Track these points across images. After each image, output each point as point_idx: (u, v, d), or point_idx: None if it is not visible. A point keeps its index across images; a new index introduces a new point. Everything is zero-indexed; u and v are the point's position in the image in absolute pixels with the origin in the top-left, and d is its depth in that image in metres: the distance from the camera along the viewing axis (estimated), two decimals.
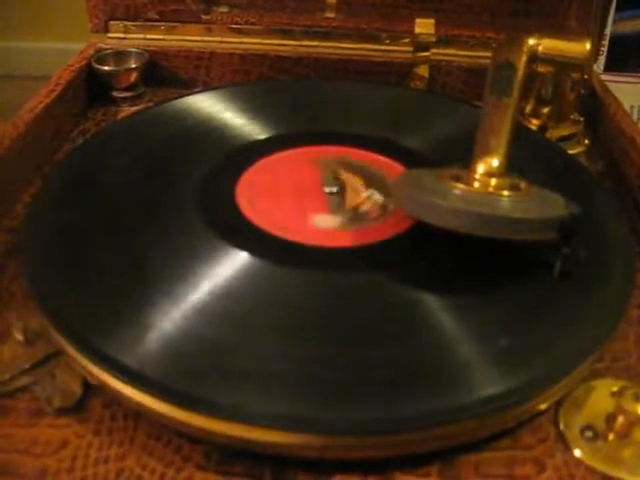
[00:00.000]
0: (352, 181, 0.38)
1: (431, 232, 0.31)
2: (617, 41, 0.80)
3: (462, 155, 0.34)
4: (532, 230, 0.30)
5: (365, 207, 0.36)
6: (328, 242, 0.34)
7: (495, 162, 0.33)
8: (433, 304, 0.31)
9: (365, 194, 0.37)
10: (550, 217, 0.31)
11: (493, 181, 0.33)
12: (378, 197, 0.36)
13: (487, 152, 0.34)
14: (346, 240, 0.34)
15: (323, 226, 0.35)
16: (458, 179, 0.32)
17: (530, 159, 0.40)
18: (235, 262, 0.32)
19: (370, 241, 0.34)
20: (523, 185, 0.33)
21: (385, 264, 0.33)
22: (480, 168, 0.33)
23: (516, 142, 0.35)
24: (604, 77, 0.56)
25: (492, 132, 0.35)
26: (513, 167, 0.34)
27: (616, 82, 0.78)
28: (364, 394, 0.27)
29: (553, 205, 0.32)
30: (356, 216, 0.36)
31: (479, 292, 0.32)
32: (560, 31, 0.51)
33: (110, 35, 0.54)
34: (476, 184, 0.33)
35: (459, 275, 0.33)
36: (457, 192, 0.31)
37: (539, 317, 0.31)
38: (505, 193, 0.32)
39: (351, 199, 0.37)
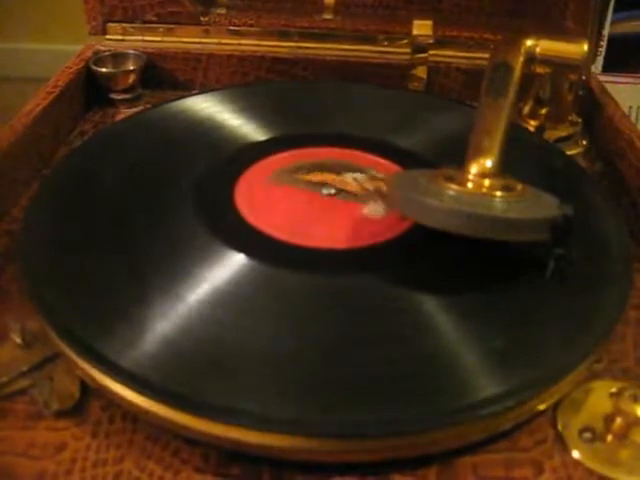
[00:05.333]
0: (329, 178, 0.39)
1: (427, 234, 0.31)
2: (616, 42, 0.80)
3: (460, 156, 0.34)
4: (525, 230, 0.30)
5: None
6: (326, 244, 0.34)
7: (489, 163, 0.33)
8: (430, 306, 0.31)
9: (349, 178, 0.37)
10: (543, 218, 0.31)
11: (486, 182, 0.33)
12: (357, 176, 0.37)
13: (481, 153, 0.34)
14: (344, 242, 0.34)
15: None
16: (452, 180, 0.32)
17: (528, 160, 0.40)
18: (233, 264, 0.32)
19: (368, 243, 0.34)
20: (516, 186, 0.33)
21: (383, 266, 0.33)
22: (473, 169, 0.33)
23: (514, 143, 0.35)
24: (602, 78, 0.56)
25: (486, 132, 0.35)
26: (510, 168, 0.34)
27: (614, 83, 0.78)
28: (362, 397, 0.27)
29: (546, 206, 0.32)
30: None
31: (476, 294, 0.31)
32: (558, 32, 0.51)
33: (108, 37, 0.54)
34: (469, 185, 0.33)
35: (455, 277, 0.33)
36: (450, 192, 0.31)
37: (537, 318, 0.31)
38: (498, 194, 0.32)
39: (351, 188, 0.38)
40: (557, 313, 0.31)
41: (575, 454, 0.27)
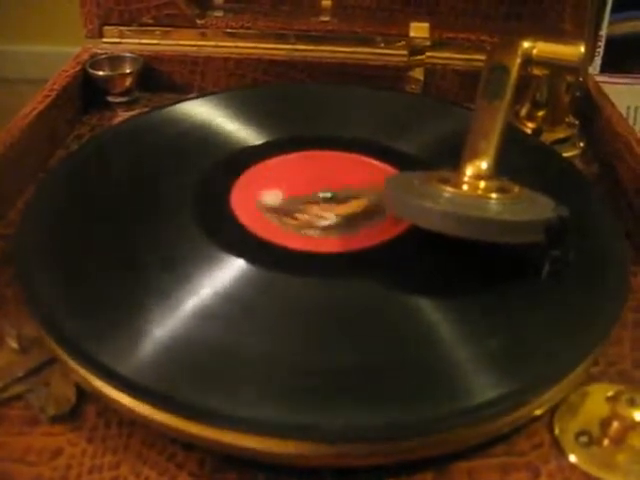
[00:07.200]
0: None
1: (423, 236, 0.31)
2: (614, 42, 0.80)
3: (456, 158, 0.34)
4: (520, 232, 0.30)
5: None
6: (324, 248, 0.34)
7: (484, 165, 0.33)
8: (427, 309, 0.30)
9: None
10: (538, 219, 0.31)
11: (482, 184, 0.33)
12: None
13: (476, 155, 0.34)
14: (341, 246, 0.34)
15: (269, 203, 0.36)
16: (447, 182, 0.32)
17: (525, 162, 0.40)
18: (230, 269, 0.32)
19: (365, 246, 0.34)
20: (512, 188, 0.33)
21: (380, 268, 0.33)
22: (469, 171, 0.33)
23: (511, 145, 0.35)
24: (600, 78, 0.56)
25: (482, 135, 0.35)
26: (506, 170, 0.34)
27: (613, 83, 0.78)
28: (358, 401, 0.27)
29: (542, 208, 0.32)
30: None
31: (472, 297, 0.31)
32: (555, 34, 0.51)
33: (105, 40, 0.54)
34: (465, 187, 0.33)
35: (451, 279, 0.32)
36: (446, 195, 0.31)
37: (534, 321, 0.31)
38: (494, 196, 0.32)
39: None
40: (554, 316, 0.31)
41: (572, 458, 0.27)
